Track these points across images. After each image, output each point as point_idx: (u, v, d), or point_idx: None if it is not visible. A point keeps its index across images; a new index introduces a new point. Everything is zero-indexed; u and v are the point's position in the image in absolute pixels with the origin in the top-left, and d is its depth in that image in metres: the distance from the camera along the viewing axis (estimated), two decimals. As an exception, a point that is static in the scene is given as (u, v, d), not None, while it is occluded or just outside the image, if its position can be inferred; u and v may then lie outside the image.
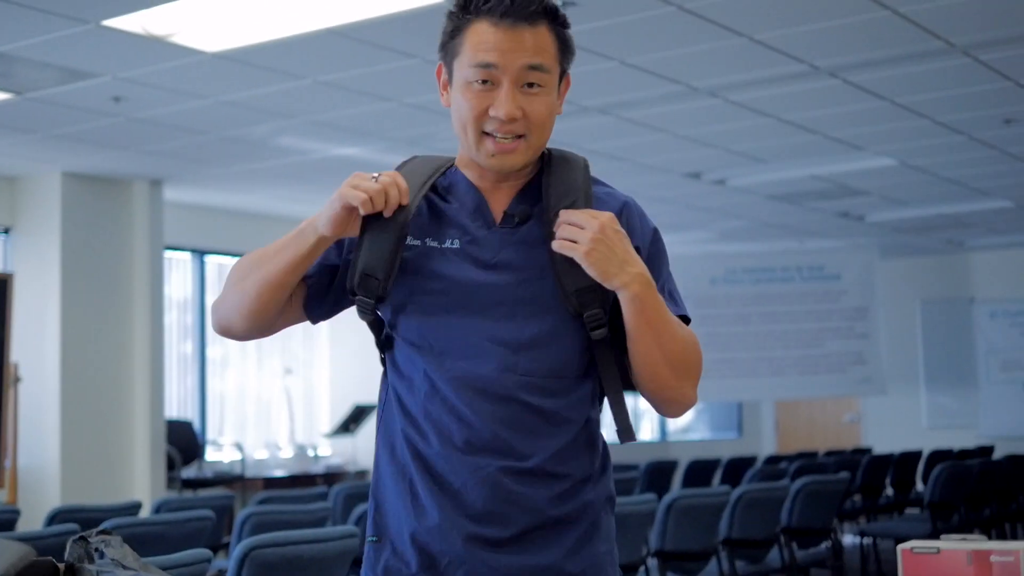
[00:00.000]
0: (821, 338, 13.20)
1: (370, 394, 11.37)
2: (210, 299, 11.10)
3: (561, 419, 2.02)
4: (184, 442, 9.96)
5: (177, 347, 10.74)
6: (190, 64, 6.64)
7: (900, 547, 1.71)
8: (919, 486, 11.03)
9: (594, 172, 2.12)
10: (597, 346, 2.05)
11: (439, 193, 2.11)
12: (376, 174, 1.99)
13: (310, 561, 3.89)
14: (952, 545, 1.69)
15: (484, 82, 1.99)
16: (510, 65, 1.98)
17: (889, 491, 10.84)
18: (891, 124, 8.43)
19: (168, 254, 10.29)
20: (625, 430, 2.06)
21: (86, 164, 9.04)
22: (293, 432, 11.50)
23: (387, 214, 1.98)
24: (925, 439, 13.92)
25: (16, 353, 8.37)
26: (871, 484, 10.36)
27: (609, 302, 2.01)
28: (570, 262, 1.97)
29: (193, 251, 11.02)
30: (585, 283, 1.98)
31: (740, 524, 6.34)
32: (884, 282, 14.03)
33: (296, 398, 11.67)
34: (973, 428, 14.69)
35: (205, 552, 3.39)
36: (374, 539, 2.08)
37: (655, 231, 2.13)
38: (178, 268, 10.90)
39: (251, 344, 11.46)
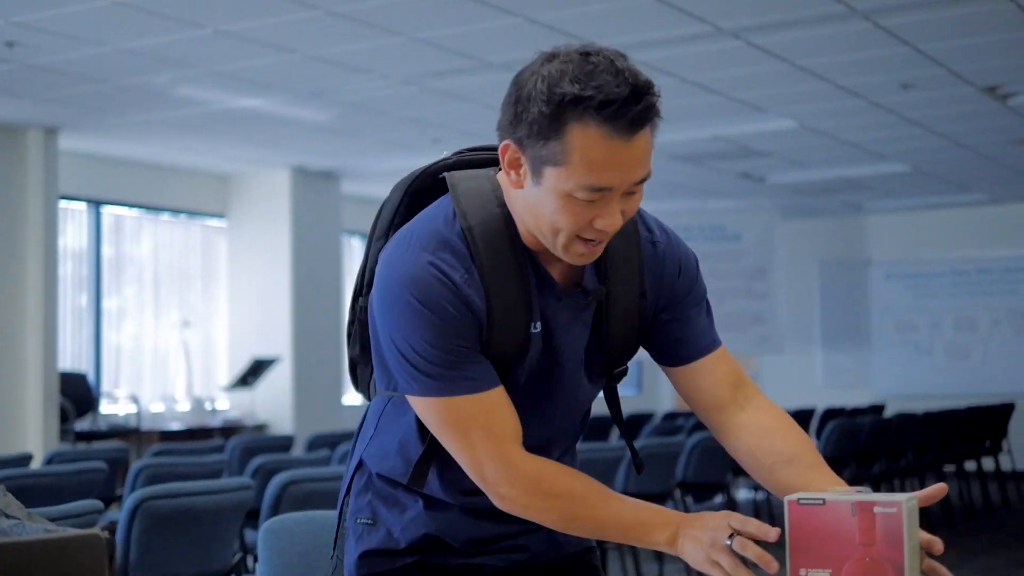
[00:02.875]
0: (720, 297, 13.34)
1: (269, 347, 11.30)
2: (106, 250, 10.93)
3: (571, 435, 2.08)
4: (78, 394, 9.81)
5: (72, 299, 10.56)
6: (88, 10, 6.49)
7: (787, 498, 1.73)
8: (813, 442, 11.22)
9: (494, 129, 2.03)
10: (608, 386, 2.09)
11: (496, 256, 1.88)
12: (729, 530, 1.76)
13: (203, 513, 3.86)
14: (837, 497, 1.72)
15: (590, 201, 1.76)
16: (624, 183, 1.77)
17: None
18: (792, 87, 8.52)
19: (63, 204, 10.09)
20: (640, 463, 2.17)
21: (-22, 110, 8.83)
22: (190, 385, 11.38)
23: None
24: (820, 397, 14.17)
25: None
26: (766, 441, 10.50)
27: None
28: (624, 339, 1.98)
29: (89, 201, 10.81)
30: (631, 354, 2.02)
31: (637, 478, 6.41)
32: (784, 243, 14.22)
33: (194, 351, 11.54)
34: (867, 387, 14.99)
35: (95, 503, 3.34)
36: (369, 522, 2.01)
37: (695, 267, 2.09)
38: (74, 218, 10.69)
39: (148, 296, 11.30)
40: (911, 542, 1.72)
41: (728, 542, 1.73)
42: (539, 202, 1.79)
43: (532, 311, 1.88)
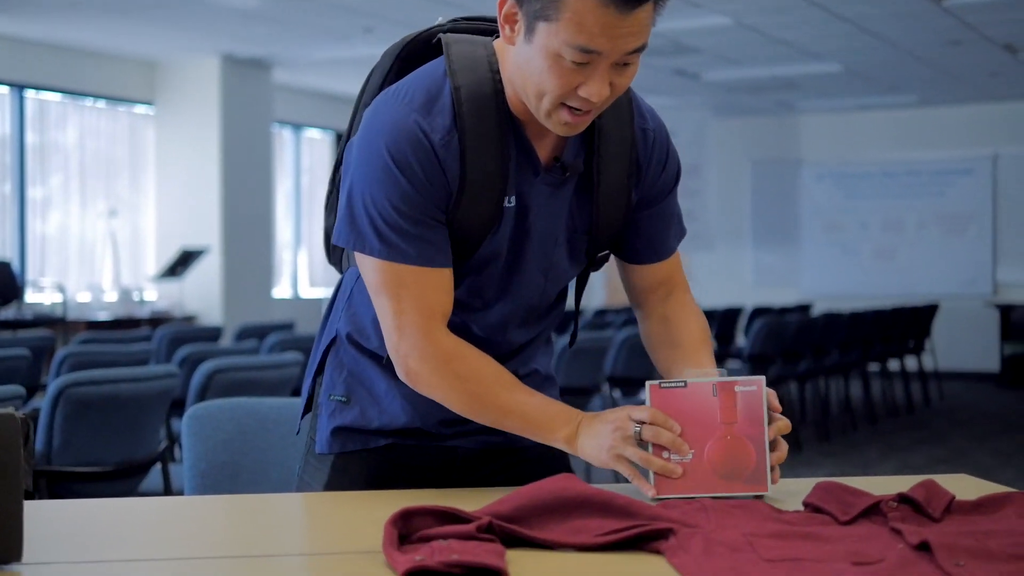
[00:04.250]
0: (652, 194, 13.36)
1: (198, 237, 11.19)
2: (31, 137, 10.71)
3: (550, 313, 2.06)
4: (2, 283, 9.66)
5: (-5, 185, 10.37)
6: None
7: (648, 383, 1.76)
8: (740, 340, 11.35)
9: (432, 18, 1.97)
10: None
11: (478, 114, 1.84)
12: (634, 423, 1.72)
13: (128, 400, 3.83)
14: (699, 379, 1.75)
15: (577, 63, 1.72)
16: (615, 51, 1.72)
17: (712, 344, 11.12)
18: (728, -19, 8.47)
19: (-13, 88, 9.86)
20: (574, 337, 2.21)
21: None
22: (118, 275, 11.25)
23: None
24: (749, 295, 14.31)
25: None
26: (694, 337, 10.60)
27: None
28: (612, 224, 1.95)
29: (12, 85, 10.56)
30: (616, 239, 2.00)
31: (566, 372, 6.44)
32: (716, 141, 14.25)
33: (121, 241, 11.40)
34: (795, 286, 15.16)
35: (18, 388, 3.30)
36: (343, 399, 2.00)
37: (678, 163, 2.06)
38: (-4, 103, 10.46)
39: (74, 185, 11.11)
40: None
41: (636, 430, 1.72)
42: (529, 61, 1.75)
43: (507, 184, 1.85)
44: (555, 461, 1.99)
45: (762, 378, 1.77)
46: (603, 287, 16.68)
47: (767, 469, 1.74)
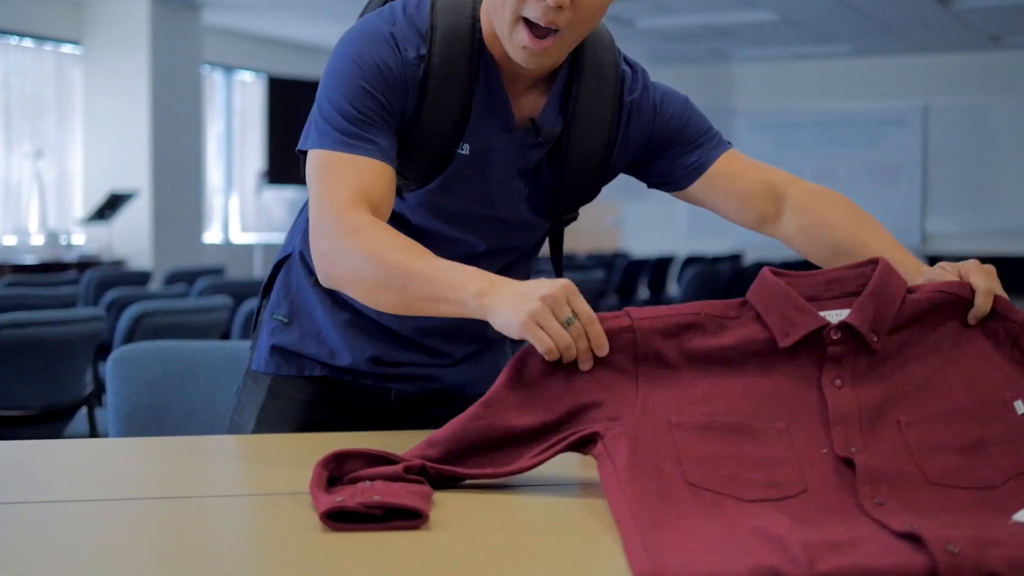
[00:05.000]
0: (586, 142, 13.35)
1: (126, 180, 11.03)
2: (-46, 75, 10.48)
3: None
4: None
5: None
6: None
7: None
8: (673, 289, 11.41)
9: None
10: (556, 231, 2.03)
11: (456, 53, 1.80)
12: (569, 310, 1.47)
13: (54, 344, 3.77)
14: None
15: None
16: None
17: (644, 292, 11.18)
18: (665, -73, 8.43)
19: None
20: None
21: None
22: (44, 218, 11.08)
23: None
24: (683, 244, 14.37)
25: None
26: (627, 285, 10.66)
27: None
28: (579, 187, 1.90)
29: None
30: (584, 202, 1.96)
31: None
32: (650, 89, 14.20)
33: (48, 183, 11.22)
34: (728, 235, 15.23)
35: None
36: (284, 320, 1.98)
37: (683, 101, 1.98)
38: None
39: (-1, 125, 10.91)
40: None
41: (570, 319, 1.47)
42: None
43: (461, 132, 1.80)
44: None
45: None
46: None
47: None
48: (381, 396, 2.00)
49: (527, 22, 1.69)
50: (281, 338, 1.99)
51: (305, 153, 1.79)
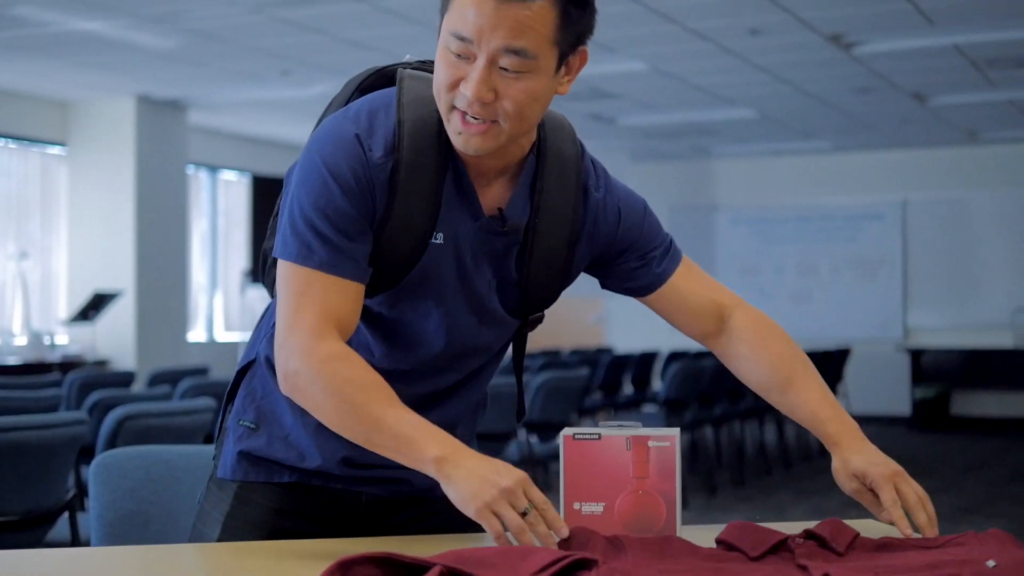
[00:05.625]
0: (570, 238, 13.40)
1: (111, 280, 11.03)
2: (-61, 177, 10.53)
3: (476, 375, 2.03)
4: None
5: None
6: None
7: (563, 433, 1.76)
8: (656, 384, 11.41)
9: (345, 61, 1.97)
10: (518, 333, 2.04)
11: (426, 150, 1.84)
12: (527, 501, 1.61)
13: (36, 448, 3.75)
14: (612, 432, 1.75)
15: (459, 56, 1.72)
16: (485, 44, 1.69)
17: (628, 389, 11.18)
18: (643, 28, 8.56)
19: None
20: (521, 410, 2.14)
21: None
22: (28, 318, 11.06)
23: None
24: (665, 340, 14.38)
25: None
26: (611, 382, 10.66)
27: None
28: (544, 284, 1.94)
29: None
30: (551, 300, 1.98)
31: (482, 416, 6.42)
32: (633, 186, 14.19)
33: (32, 283, 11.22)
34: (710, 330, 15.25)
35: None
36: (251, 426, 1.97)
37: (636, 222, 2.05)
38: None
39: (-16, 226, 10.93)
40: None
41: (526, 509, 1.59)
42: (435, 66, 1.77)
43: (435, 221, 1.83)
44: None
45: (676, 433, 1.77)
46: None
47: (677, 525, 1.74)
48: (351, 500, 1.98)
49: (461, 113, 1.75)
50: (248, 444, 1.97)
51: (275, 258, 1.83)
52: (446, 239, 1.85)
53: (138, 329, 11.20)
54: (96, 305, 10.62)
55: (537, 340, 14.56)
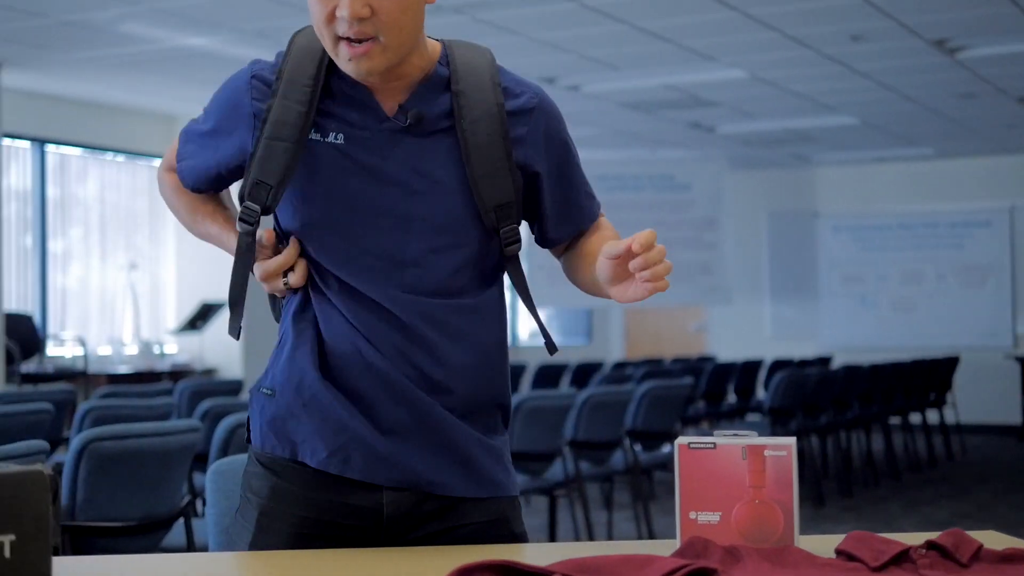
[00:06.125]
0: (669, 247, 12.86)
1: (218, 291, 11.21)
2: (51, 191, 10.79)
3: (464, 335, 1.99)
4: (24, 336, 9.71)
5: (16, 240, 10.43)
6: (32, -57, 6.37)
7: (678, 442, 1.76)
8: (760, 393, 11.32)
9: None
10: (510, 262, 2.04)
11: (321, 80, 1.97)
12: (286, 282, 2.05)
13: (151, 454, 3.84)
14: (728, 440, 1.75)
15: None
16: None
17: (732, 397, 11.11)
18: (742, 35, 8.51)
19: (7, 142, 9.94)
20: (550, 343, 2.13)
21: (-80, 46, 8.66)
22: (138, 328, 11.29)
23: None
24: (768, 348, 14.28)
25: None
26: (714, 390, 10.60)
27: (520, 213, 2.01)
28: (491, 177, 1.93)
29: (34, 140, 10.66)
30: (505, 199, 1.96)
31: (586, 426, 6.43)
32: (732, 194, 14.27)
33: (142, 293, 11.45)
34: (813, 339, 15.12)
35: (41, 443, 3.31)
36: (269, 391, 2.05)
37: (565, 130, 2.09)
38: (18, 157, 10.54)
39: (95, 238, 11.17)
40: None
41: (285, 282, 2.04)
42: (311, 12, 1.89)
43: (309, 118, 1.93)
44: (494, 528, 1.99)
45: (792, 442, 1.76)
46: (622, 338, 16.67)
47: (795, 535, 1.74)
48: (374, 514, 1.96)
49: (346, 40, 1.86)
50: (271, 412, 2.04)
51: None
52: (347, 140, 1.94)
53: (244, 338, 11.33)
54: (204, 315, 10.81)
55: (638, 348, 14.61)
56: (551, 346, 2.11)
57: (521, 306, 2.14)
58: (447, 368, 1.96)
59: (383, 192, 1.94)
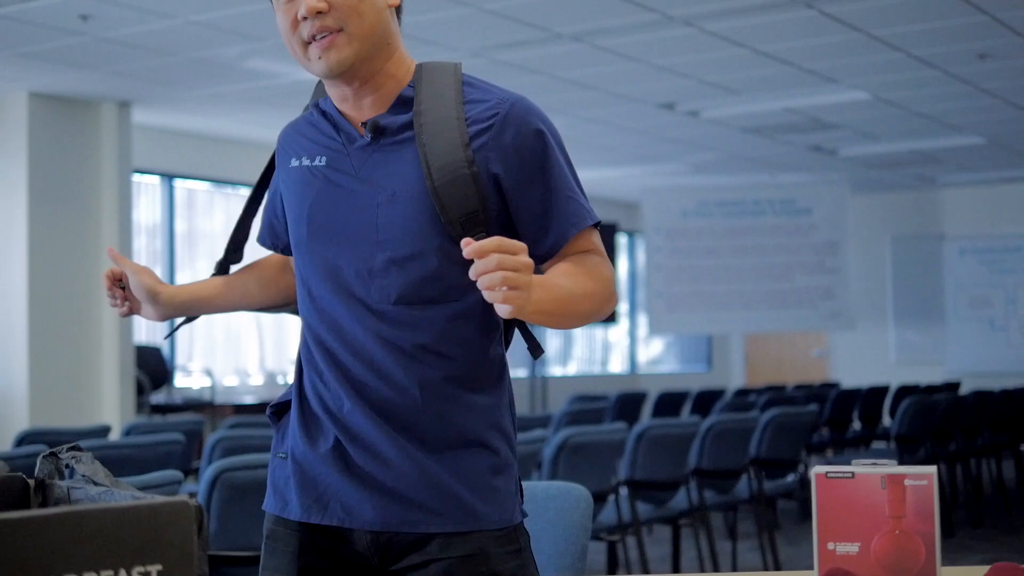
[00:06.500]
0: (791, 272, 13.24)
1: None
2: (179, 224, 11.03)
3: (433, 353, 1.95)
4: (153, 367, 9.93)
5: (146, 272, 10.65)
6: (160, -17, 6.53)
7: (814, 471, 1.73)
8: (886, 420, 11.12)
9: (565, 100, 2.03)
10: None
11: (320, 113, 2.09)
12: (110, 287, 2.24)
13: (280, 484, 3.88)
14: (866, 470, 1.71)
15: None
16: None
17: (856, 425, 10.93)
18: (865, 57, 8.40)
19: (136, 177, 10.19)
20: (533, 347, 2.00)
21: (53, 84, 8.91)
22: (263, 359, 11.47)
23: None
24: (893, 374, 14.03)
25: (-18, 276, 8.29)
26: (839, 417, 10.43)
27: (493, 221, 1.95)
28: (451, 186, 1.90)
29: (162, 175, 10.91)
30: (471, 207, 1.92)
31: (709, 455, 6.37)
32: (855, 217, 14.07)
33: (266, 325, 11.64)
34: (940, 364, 14.82)
35: (176, 474, 3.37)
36: (283, 456, 2.06)
37: (539, 133, 1.98)
38: (147, 192, 10.80)
39: (220, 270, 11.37)
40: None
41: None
42: (279, 29, 2.00)
43: (303, 151, 2.06)
44: (469, 564, 1.92)
45: (933, 471, 1.72)
46: (743, 365, 16.51)
47: (937, 567, 1.69)
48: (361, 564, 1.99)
49: (310, 41, 1.95)
50: (278, 474, 2.05)
51: None
52: (328, 162, 2.01)
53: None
54: (326, 345, 10.93)
55: (759, 375, 14.45)
56: (535, 351, 1.99)
57: (640, 334, 2.07)
58: (408, 406, 1.94)
59: (353, 207, 1.97)
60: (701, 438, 6.34)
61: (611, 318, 14.62)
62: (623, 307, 15.92)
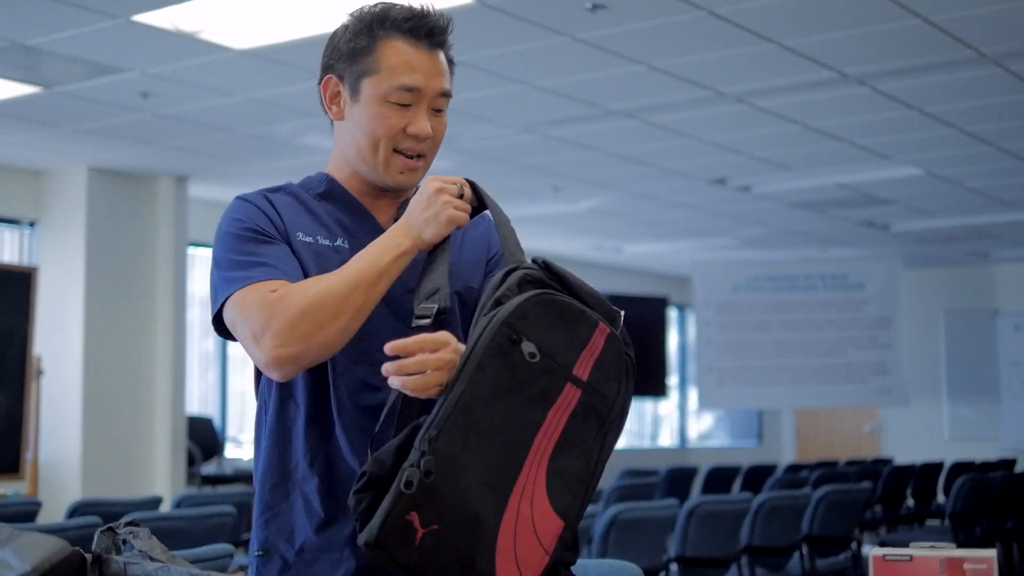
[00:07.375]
0: (843, 347, 13.15)
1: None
2: (232, 296, 11.11)
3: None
4: (204, 438, 9.97)
5: (199, 344, 10.75)
6: (218, 60, 6.65)
7: (872, 553, 1.71)
8: (940, 498, 10.97)
9: (617, 176, 2.08)
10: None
11: (310, 194, 2.11)
12: (455, 184, 1.98)
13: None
14: (925, 552, 1.69)
15: (403, 105, 2.00)
16: (430, 89, 2.01)
17: (910, 502, 10.78)
18: (918, 133, 8.39)
19: (191, 251, 10.30)
20: None
21: (112, 159, 9.06)
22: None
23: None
24: (946, 451, 13.85)
25: (39, 346, 8.39)
26: (892, 494, 10.30)
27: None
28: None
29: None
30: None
31: (761, 531, 6.31)
32: (907, 292, 13.98)
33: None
34: (995, 440, 14.62)
35: (227, 547, 3.38)
36: (259, 553, 2.05)
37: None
38: (201, 265, 10.91)
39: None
40: None
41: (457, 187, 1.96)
42: (359, 120, 2.01)
43: (325, 230, 2.04)
44: None
45: (993, 554, 1.70)
46: (793, 439, 16.37)
47: None
48: None
49: (402, 155, 2.02)
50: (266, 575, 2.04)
51: (222, 322, 1.99)
52: (353, 247, 1.99)
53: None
54: (376, 418, 10.94)
55: (812, 451, 14.32)
56: None
57: (691, 408, 2.06)
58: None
59: (387, 305, 1.98)
60: (753, 515, 6.29)
61: (661, 391, 14.56)
62: (672, 380, 15.84)
